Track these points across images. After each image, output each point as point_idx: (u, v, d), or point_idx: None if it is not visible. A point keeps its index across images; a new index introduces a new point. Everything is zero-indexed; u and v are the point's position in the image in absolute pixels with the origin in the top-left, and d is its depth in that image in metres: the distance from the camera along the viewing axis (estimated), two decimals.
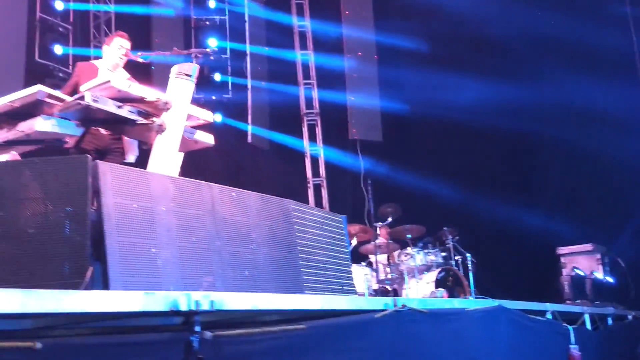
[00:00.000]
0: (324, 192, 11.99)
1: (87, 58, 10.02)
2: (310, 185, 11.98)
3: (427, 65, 10.99)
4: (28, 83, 9.12)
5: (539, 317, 4.33)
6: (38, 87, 3.72)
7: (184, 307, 1.89)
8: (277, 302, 2.37)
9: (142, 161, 4.67)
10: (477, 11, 10.74)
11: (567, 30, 9.75)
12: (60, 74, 9.75)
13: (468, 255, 7.74)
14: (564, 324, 4.59)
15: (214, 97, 11.03)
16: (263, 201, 3.81)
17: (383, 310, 2.71)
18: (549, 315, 4.50)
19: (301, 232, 4.02)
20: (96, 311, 1.75)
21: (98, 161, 2.81)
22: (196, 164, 4.81)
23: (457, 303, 3.79)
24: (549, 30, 10.21)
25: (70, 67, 10.19)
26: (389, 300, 2.87)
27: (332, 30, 12.35)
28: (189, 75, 4.11)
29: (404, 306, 2.78)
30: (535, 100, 10.23)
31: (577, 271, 8.04)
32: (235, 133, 10.98)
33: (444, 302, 4.86)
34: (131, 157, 4.91)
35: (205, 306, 1.91)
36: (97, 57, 9.24)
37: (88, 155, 2.78)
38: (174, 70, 4.12)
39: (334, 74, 12.17)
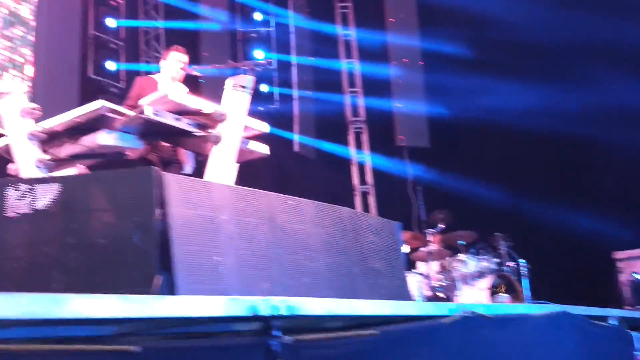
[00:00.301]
0: (372, 200, 12.00)
1: (138, 73, 10.31)
2: (357, 192, 12.01)
3: (472, 70, 10.93)
4: (82, 99, 9.46)
5: (602, 323, 4.25)
6: (101, 103, 3.84)
7: (263, 312, 1.93)
8: (349, 307, 2.40)
9: (197, 173, 4.78)
10: (521, 16, 10.65)
11: (614, 32, 9.57)
12: (113, 90, 10.03)
13: (523, 261, 7.63)
14: (628, 330, 4.48)
15: (261, 108, 11.18)
16: (319, 209, 3.84)
17: (450, 316, 2.71)
18: (612, 321, 4.41)
19: (356, 239, 4.04)
20: (185, 316, 1.80)
21: (163, 172, 2.88)
22: (245, 174, 4.89)
23: (521, 308, 3.75)
24: (595, 33, 10.03)
25: (122, 82, 10.48)
26: (453, 305, 2.87)
27: (377, 37, 12.39)
28: (245, 87, 4.18)
29: (471, 312, 2.77)
30: (583, 102, 10.05)
31: (636, 276, 7.83)
32: (282, 143, 11.09)
33: (509, 307, 4.80)
34: (188, 169, 5.02)
35: (283, 311, 1.95)
36: (148, 72, 9.55)
37: (153, 167, 2.86)
38: (230, 82, 4.20)
39: (380, 81, 12.20)
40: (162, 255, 2.81)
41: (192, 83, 6.63)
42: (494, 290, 7.31)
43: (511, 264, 7.97)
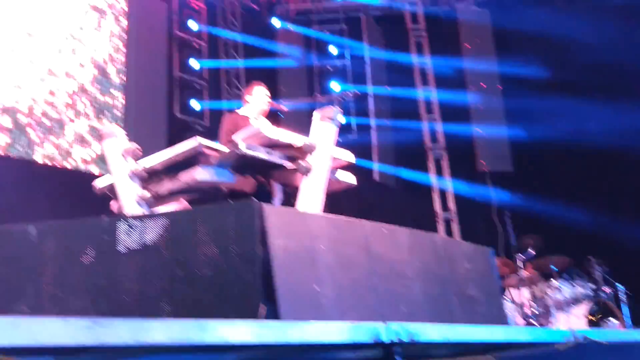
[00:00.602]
0: (455, 227, 11.81)
1: (220, 111, 10.65)
2: (440, 220, 11.85)
3: (552, 91, 10.69)
4: (170, 137, 9.86)
5: None
6: (197, 140, 4.00)
7: (385, 338, 1.94)
8: (465, 333, 2.37)
9: (284, 204, 4.87)
10: (599, 36, 10.38)
11: None
12: (199, 127, 10.41)
13: (621, 286, 7.29)
14: None
15: (339, 139, 11.26)
16: (412, 236, 3.83)
17: (564, 343, 2.63)
18: None
19: (451, 266, 4.00)
20: (315, 342, 1.84)
21: (262, 204, 2.96)
22: (327, 204, 4.94)
23: (635, 335, 3.57)
24: None
25: (206, 120, 10.86)
26: (567, 331, 2.78)
27: (453, 64, 12.33)
28: (332, 119, 4.26)
29: (585, 338, 2.68)
30: None
31: None
32: (362, 172, 11.14)
33: (622, 334, 4.59)
34: (277, 201, 5.11)
35: (403, 337, 1.95)
36: (230, 109, 9.86)
37: (254, 199, 2.94)
38: (317, 114, 4.29)
39: (458, 107, 12.10)
40: (265, 285, 2.87)
41: (272, 117, 6.79)
42: (592, 318, 7.01)
43: (608, 289, 7.63)
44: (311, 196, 4.20)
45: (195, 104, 10.80)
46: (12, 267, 3.20)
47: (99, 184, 4.59)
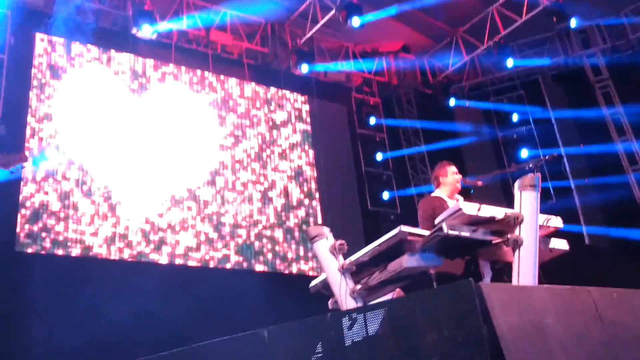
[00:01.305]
0: None
1: (410, 197, 10.78)
2: None
3: None
4: (367, 229, 10.13)
5: None
6: (399, 228, 4.07)
7: None
8: None
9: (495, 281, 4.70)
10: None
11: None
12: (392, 217, 10.59)
13: None
14: None
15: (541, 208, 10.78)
16: None
17: None
18: None
19: None
20: None
21: (480, 283, 2.91)
22: (540, 275, 4.68)
23: None
24: None
25: (398, 209, 11.03)
26: None
27: None
28: (533, 186, 4.13)
29: None
30: None
31: None
32: (570, 237, 10.45)
33: None
34: (487, 279, 4.96)
35: None
36: (421, 194, 9.95)
37: (471, 279, 2.89)
38: (518, 183, 4.18)
39: None
40: None
41: (463, 195, 6.72)
42: None
43: None
44: (525, 269, 4.03)
45: (385, 195, 11.07)
46: None
47: (313, 283, 4.81)
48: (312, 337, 3.28)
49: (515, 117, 11.84)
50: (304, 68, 10.87)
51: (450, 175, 5.35)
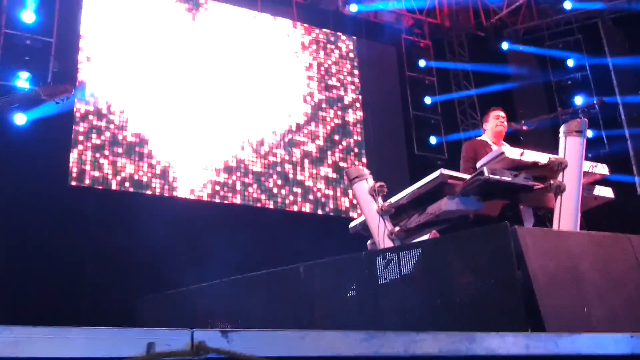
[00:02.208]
0: None
1: (459, 142, 10.64)
2: None
3: None
4: (412, 174, 10.09)
5: None
6: (440, 171, 4.06)
7: None
8: None
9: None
10: None
11: None
12: (439, 162, 10.49)
13: None
14: None
15: (589, 155, 10.50)
16: None
17: None
18: None
19: None
20: (586, 353, 1.77)
21: (516, 227, 2.89)
22: (585, 222, 4.60)
23: None
24: None
25: (446, 154, 10.91)
26: None
27: None
28: (579, 132, 4.04)
29: None
30: None
31: None
32: (621, 187, 10.20)
33: None
34: (528, 224, 4.92)
35: None
36: (468, 139, 9.80)
37: (507, 223, 2.89)
38: (563, 128, 4.10)
39: None
40: (528, 310, 2.78)
41: (513, 140, 6.61)
42: None
43: None
44: (566, 215, 3.99)
45: (432, 140, 10.95)
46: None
47: (353, 224, 4.87)
48: (347, 274, 3.35)
49: (570, 63, 11.42)
50: (353, 7, 10.69)
51: (492, 120, 5.25)
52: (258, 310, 3.81)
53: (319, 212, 9.57)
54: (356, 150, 10.23)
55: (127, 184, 8.37)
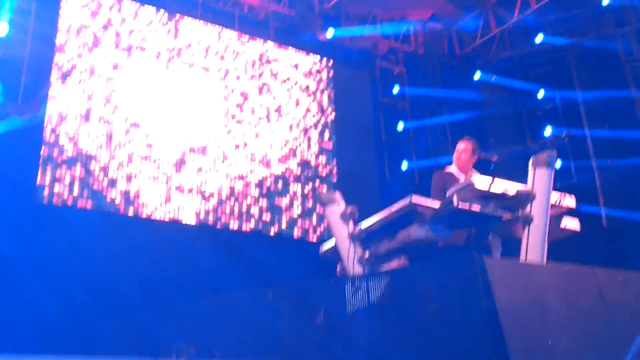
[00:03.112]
0: None
1: (429, 169, 10.75)
2: None
3: None
4: (383, 200, 10.14)
5: None
6: (410, 198, 4.08)
7: None
8: None
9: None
10: None
11: None
12: (409, 188, 10.57)
13: None
14: None
15: (558, 184, 10.67)
16: None
17: None
18: None
19: None
20: None
21: (484, 257, 2.92)
22: (551, 254, 4.67)
23: None
24: None
25: (417, 180, 11.01)
26: None
27: None
28: (548, 164, 4.10)
29: None
30: None
31: None
32: (587, 218, 10.35)
33: None
34: (496, 254, 4.96)
35: None
36: (439, 166, 9.89)
37: (475, 253, 2.91)
38: (532, 160, 4.15)
39: None
40: (493, 341, 2.80)
41: (483, 169, 6.68)
42: None
43: None
44: (534, 246, 4.03)
45: (404, 165, 11.04)
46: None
47: (323, 248, 4.85)
48: (315, 300, 3.33)
49: (541, 94, 11.64)
50: (330, 32, 10.78)
51: (455, 152, 5.29)
52: (227, 333, 3.77)
53: (294, 234, 9.54)
54: (327, 173, 10.25)
55: (92, 203, 8.24)
